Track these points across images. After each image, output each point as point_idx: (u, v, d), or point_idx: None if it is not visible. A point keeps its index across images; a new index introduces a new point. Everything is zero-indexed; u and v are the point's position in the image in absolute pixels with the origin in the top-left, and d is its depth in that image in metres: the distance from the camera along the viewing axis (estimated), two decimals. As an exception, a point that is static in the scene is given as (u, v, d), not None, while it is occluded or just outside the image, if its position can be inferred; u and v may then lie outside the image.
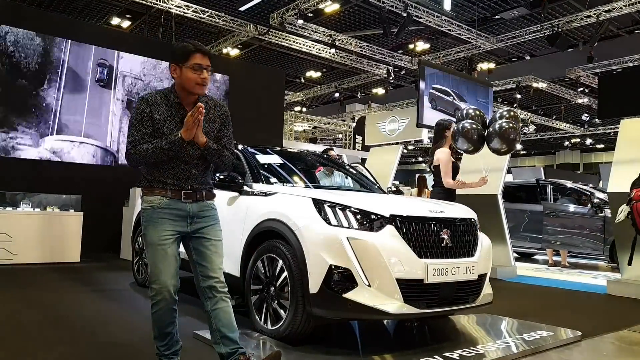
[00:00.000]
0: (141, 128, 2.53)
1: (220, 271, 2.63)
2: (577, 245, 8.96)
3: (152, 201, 2.56)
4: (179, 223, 2.57)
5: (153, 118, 2.55)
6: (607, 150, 30.11)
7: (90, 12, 14.55)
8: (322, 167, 5.41)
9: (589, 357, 3.45)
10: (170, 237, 2.55)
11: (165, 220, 2.54)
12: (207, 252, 2.62)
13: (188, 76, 2.54)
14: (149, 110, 2.55)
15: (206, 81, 2.57)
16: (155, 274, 2.51)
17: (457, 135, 5.15)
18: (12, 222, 6.87)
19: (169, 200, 2.56)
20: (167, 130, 2.54)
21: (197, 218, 2.61)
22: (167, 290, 2.50)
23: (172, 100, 2.60)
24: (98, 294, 5.07)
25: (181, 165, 2.57)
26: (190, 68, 2.54)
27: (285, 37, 15.52)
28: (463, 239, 3.50)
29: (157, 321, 2.56)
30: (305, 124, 25.62)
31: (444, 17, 13.97)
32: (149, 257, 2.55)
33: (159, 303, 2.51)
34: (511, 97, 21.49)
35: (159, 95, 2.62)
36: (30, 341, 3.36)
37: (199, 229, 2.62)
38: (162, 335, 2.60)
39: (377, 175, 6.00)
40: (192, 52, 2.55)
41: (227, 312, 2.60)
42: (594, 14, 13.10)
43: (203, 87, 2.58)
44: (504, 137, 4.97)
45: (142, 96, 2.62)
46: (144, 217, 2.58)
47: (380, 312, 3.03)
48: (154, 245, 2.53)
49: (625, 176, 6.14)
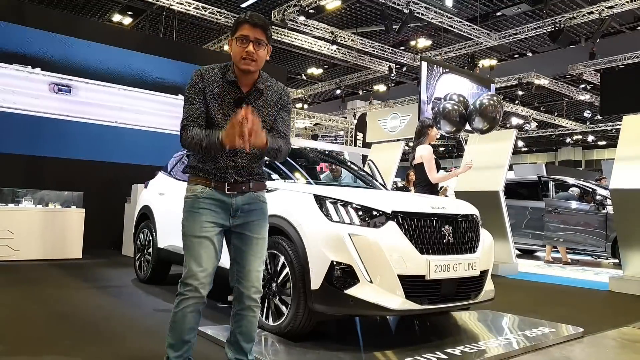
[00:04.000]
0: (196, 102, 2.31)
1: (257, 276, 2.41)
2: (579, 242, 8.95)
3: (194, 190, 2.36)
4: (222, 216, 2.36)
5: (205, 94, 2.33)
6: (609, 147, 30.08)
7: (91, 9, 14.54)
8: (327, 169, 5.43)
9: (591, 353, 3.44)
10: (212, 230, 2.33)
11: (206, 211, 2.33)
12: (247, 252, 2.39)
13: (234, 49, 2.31)
14: (202, 84, 2.33)
15: (252, 55, 2.28)
16: (191, 268, 2.29)
17: (438, 117, 5.18)
18: (14, 219, 6.88)
19: (212, 190, 2.35)
20: (217, 113, 2.32)
21: (241, 212, 2.38)
22: (201, 288, 2.29)
23: (228, 77, 2.35)
24: (100, 291, 5.07)
25: (226, 155, 2.33)
26: (236, 39, 2.31)
27: (286, 33, 15.50)
28: (465, 235, 3.49)
29: (178, 323, 2.30)
30: (306, 121, 25.59)
31: (446, 13, 13.94)
32: (186, 250, 2.33)
33: (187, 300, 2.28)
34: (513, 94, 21.46)
35: (217, 70, 2.38)
36: (33, 337, 3.36)
37: (242, 223, 2.39)
38: (178, 343, 2.32)
39: (379, 172, 6.00)
40: (240, 22, 2.31)
41: (250, 322, 2.42)
42: (596, 10, 13.06)
43: (249, 63, 2.29)
44: (484, 114, 4.96)
45: (197, 69, 2.40)
46: (185, 206, 2.37)
47: (382, 308, 3.03)
48: (192, 237, 2.31)
49: (628, 173, 6.13)
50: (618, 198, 6.26)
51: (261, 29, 2.31)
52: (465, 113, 5.16)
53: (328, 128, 27.22)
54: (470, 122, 5.13)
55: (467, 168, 5.60)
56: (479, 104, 4.99)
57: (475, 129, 5.15)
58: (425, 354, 3.06)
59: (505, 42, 15.72)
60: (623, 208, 6.21)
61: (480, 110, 4.97)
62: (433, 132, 5.62)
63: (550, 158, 34.72)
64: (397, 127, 20.73)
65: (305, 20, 14.37)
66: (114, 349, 3.14)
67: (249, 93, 2.37)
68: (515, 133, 7.84)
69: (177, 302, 2.31)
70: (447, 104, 5.18)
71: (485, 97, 5.10)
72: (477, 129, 5.13)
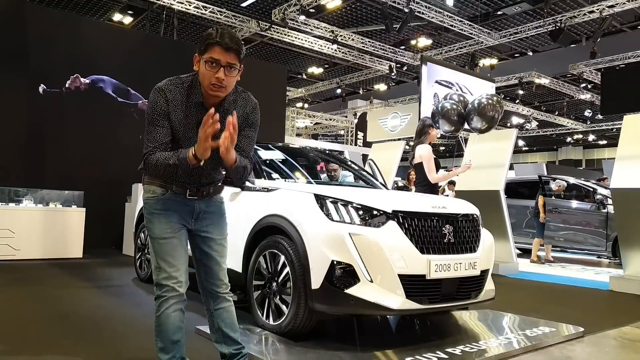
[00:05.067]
0: (161, 126, 2.17)
1: (224, 272, 2.47)
2: (580, 242, 8.95)
3: (155, 191, 2.29)
4: (184, 216, 2.34)
5: (170, 118, 2.18)
6: (610, 147, 30.06)
7: (92, 9, 14.54)
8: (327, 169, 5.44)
9: (591, 353, 3.44)
10: (178, 229, 2.31)
11: (170, 212, 2.29)
12: (213, 253, 2.42)
13: (202, 72, 2.16)
14: (166, 108, 2.18)
15: (222, 82, 2.13)
16: (163, 269, 2.25)
17: (437, 116, 5.19)
18: (14, 218, 6.88)
19: (172, 193, 2.30)
20: (182, 135, 2.19)
21: (203, 214, 2.39)
22: (179, 286, 2.26)
23: (194, 99, 2.21)
24: (100, 290, 5.08)
25: (190, 174, 2.28)
26: (205, 62, 2.13)
27: (287, 33, 15.49)
28: (465, 234, 3.49)
29: (163, 326, 2.25)
30: (307, 120, 25.60)
31: (446, 12, 13.93)
32: (155, 252, 2.28)
33: (167, 301, 2.24)
34: (513, 93, 21.44)
35: (181, 89, 2.21)
36: (33, 336, 3.37)
37: (204, 226, 2.40)
38: (168, 346, 2.27)
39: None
40: (211, 44, 2.11)
41: (229, 311, 2.48)
42: (596, 9, 13.04)
43: (218, 89, 2.15)
44: (482, 113, 4.97)
45: (159, 85, 2.22)
46: (147, 208, 2.31)
47: (383, 307, 3.03)
48: (160, 238, 2.27)
49: (628, 172, 6.13)
50: (619, 197, 6.26)
51: (234, 52, 2.13)
52: (464, 112, 5.17)
53: (328, 127, 27.23)
54: (469, 122, 5.13)
55: (467, 168, 5.60)
56: (478, 103, 5.00)
57: (474, 128, 5.16)
58: (426, 354, 3.06)
59: (505, 42, 15.71)
60: (624, 207, 6.21)
61: (479, 110, 4.98)
62: (434, 132, 5.62)
63: (551, 157, 34.71)
64: (397, 126, 20.75)
65: (306, 20, 14.36)
66: (115, 349, 3.14)
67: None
68: (515, 132, 7.84)
69: (158, 305, 2.27)
70: (446, 103, 5.20)
71: (484, 96, 5.11)
72: (476, 129, 5.14)
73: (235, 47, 2.13)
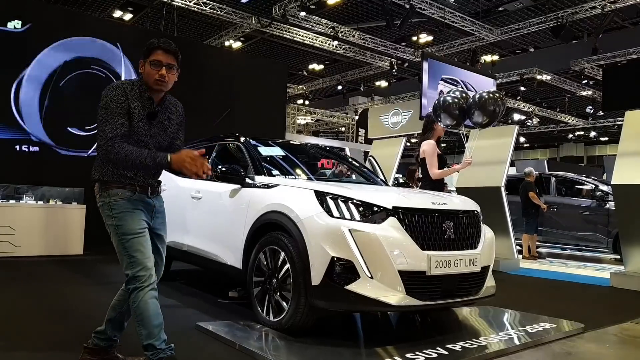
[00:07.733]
0: (120, 117, 2.47)
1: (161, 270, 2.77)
2: (580, 238, 8.94)
3: (123, 193, 2.55)
4: (148, 215, 2.62)
5: (129, 109, 2.50)
6: (612, 143, 29.99)
7: (91, 5, 14.52)
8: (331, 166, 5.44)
9: (592, 349, 3.44)
10: (145, 227, 2.58)
11: (139, 211, 2.57)
12: (161, 248, 2.73)
13: (147, 71, 2.55)
14: (126, 102, 2.50)
15: (164, 78, 2.54)
16: (137, 261, 2.48)
17: (438, 110, 5.18)
18: (15, 215, 6.88)
19: (139, 193, 2.59)
20: (136, 126, 2.51)
21: (157, 212, 2.68)
22: (151, 275, 2.48)
23: (144, 94, 2.58)
24: (101, 287, 5.07)
25: (153, 177, 2.66)
26: (150, 63, 2.54)
27: (287, 29, 15.46)
28: (466, 231, 3.48)
29: (145, 312, 2.42)
30: (308, 117, 25.58)
31: (448, 8, 13.90)
32: (127, 248, 2.51)
33: (143, 290, 2.44)
34: (515, 90, 21.40)
35: (134, 88, 2.57)
36: (33, 333, 3.37)
37: (158, 224, 2.70)
38: (152, 331, 2.43)
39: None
40: (154, 48, 2.55)
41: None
42: (598, 5, 13.00)
43: (161, 84, 2.55)
44: (484, 107, 4.96)
45: (117, 83, 2.57)
46: (116, 208, 2.54)
47: (383, 304, 3.02)
48: (132, 234, 2.51)
49: (630, 169, 6.11)
50: (620, 194, 6.25)
51: (173, 55, 2.57)
52: (465, 106, 5.15)
53: (329, 124, 27.20)
54: (470, 116, 5.12)
55: (467, 164, 5.56)
56: (479, 97, 4.99)
57: (475, 122, 5.14)
58: (426, 350, 3.05)
59: (507, 38, 15.68)
60: (625, 204, 6.20)
61: (480, 104, 4.96)
62: (440, 128, 5.54)
63: (552, 154, 34.67)
64: (398, 123, 20.69)
65: (307, 16, 14.34)
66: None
67: (159, 109, 2.63)
68: (516, 129, 7.83)
69: (134, 296, 2.45)
70: (447, 97, 5.19)
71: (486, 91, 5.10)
72: (477, 123, 5.13)
73: (174, 50, 2.59)
